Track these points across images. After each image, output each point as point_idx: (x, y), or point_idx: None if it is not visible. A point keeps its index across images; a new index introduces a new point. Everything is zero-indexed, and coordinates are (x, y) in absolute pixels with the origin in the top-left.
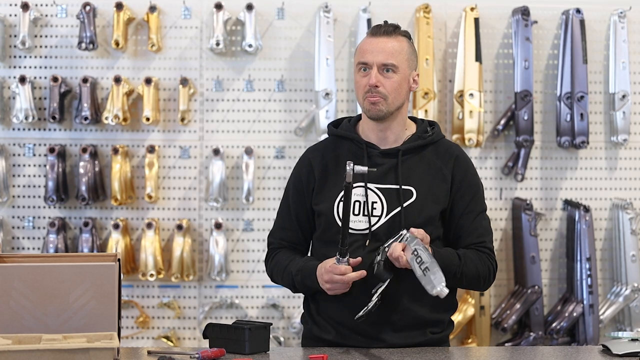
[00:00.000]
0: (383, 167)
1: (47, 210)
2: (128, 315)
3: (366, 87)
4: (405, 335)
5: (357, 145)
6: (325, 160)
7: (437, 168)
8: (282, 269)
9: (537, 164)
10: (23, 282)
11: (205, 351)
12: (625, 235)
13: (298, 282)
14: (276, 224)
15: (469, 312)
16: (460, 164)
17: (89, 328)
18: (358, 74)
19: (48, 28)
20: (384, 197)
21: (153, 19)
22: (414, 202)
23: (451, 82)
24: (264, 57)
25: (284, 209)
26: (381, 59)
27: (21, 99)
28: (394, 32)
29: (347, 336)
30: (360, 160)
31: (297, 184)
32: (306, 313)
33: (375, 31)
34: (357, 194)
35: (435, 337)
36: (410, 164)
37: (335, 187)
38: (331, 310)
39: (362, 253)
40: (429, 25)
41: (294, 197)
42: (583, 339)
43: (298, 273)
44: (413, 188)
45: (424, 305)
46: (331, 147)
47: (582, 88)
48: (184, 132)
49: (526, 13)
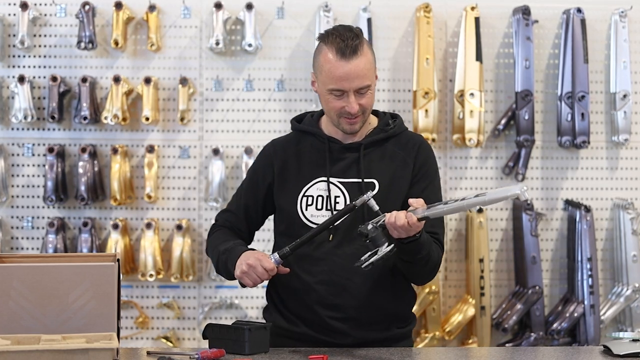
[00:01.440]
0: (345, 161)
1: (46, 210)
2: (127, 316)
3: (342, 109)
4: (371, 330)
5: (319, 140)
6: (287, 156)
7: (400, 158)
8: (214, 245)
9: (537, 163)
10: (22, 283)
11: (205, 352)
12: (626, 236)
13: (222, 261)
14: (228, 205)
15: (469, 312)
16: (423, 151)
17: (88, 328)
18: (329, 95)
19: (47, 27)
20: (347, 191)
21: (152, 19)
22: (377, 194)
23: (452, 82)
24: (263, 56)
25: (237, 194)
26: (357, 84)
27: (20, 98)
28: (359, 46)
29: (314, 330)
30: (322, 155)
31: (253, 176)
32: (271, 306)
33: (343, 52)
34: (319, 189)
35: (399, 332)
36: (373, 157)
37: (297, 182)
38: (298, 305)
39: (327, 247)
40: (430, 25)
41: (248, 187)
42: (584, 339)
43: (225, 252)
44: (375, 180)
45: (386, 297)
46: (294, 142)
47: (583, 88)
48: (184, 132)
49: (527, 12)
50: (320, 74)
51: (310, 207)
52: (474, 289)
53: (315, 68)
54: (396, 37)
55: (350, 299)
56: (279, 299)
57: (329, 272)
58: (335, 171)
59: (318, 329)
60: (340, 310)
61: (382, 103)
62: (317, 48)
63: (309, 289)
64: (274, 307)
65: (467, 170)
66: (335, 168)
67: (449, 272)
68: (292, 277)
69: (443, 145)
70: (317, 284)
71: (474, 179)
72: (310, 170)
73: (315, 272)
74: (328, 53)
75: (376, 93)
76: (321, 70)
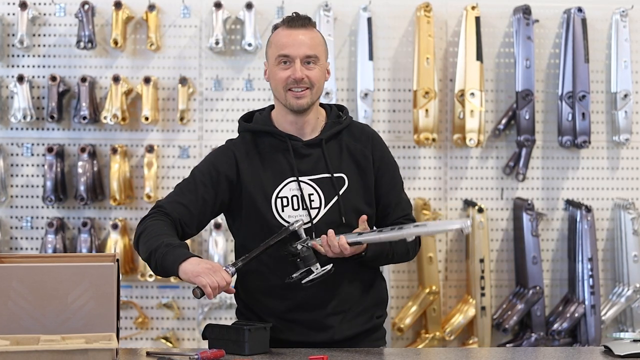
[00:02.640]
0: (310, 157)
1: (45, 210)
2: (127, 316)
3: (288, 79)
4: (354, 323)
5: (278, 139)
6: (250, 158)
7: (358, 150)
8: (155, 234)
9: (538, 163)
10: (21, 283)
11: (205, 352)
12: (627, 236)
13: (161, 253)
14: (173, 197)
15: (469, 312)
16: (377, 143)
17: (87, 329)
18: (277, 67)
19: (46, 27)
20: (320, 188)
21: (152, 18)
22: (348, 187)
23: (452, 82)
24: (263, 56)
25: (187, 187)
26: (304, 51)
27: (19, 98)
28: (309, 24)
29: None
30: (285, 153)
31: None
32: (242, 308)
33: (292, 23)
34: (292, 189)
35: (378, 322)
36: (334, 151)
37: (268, 185)
38: (274, 305)
39: None
40: (430, 24)
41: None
42: (585, 339)
43: (168, 247)
44: (344, 174)
45: (361, 287)
46: (252, 144)
47: (583, 87)
48: (183, 131)
49: (527, 12)
50: (269, 50)
51: (286, 207)
52: (475, 289)
53: (266, 54)
54: (396, 36)
55: (328, 295)
56: (254, 300)
57: None
58: (304, 169)
59: (300, 326)
60: (321, 308)
61: (382, 103)
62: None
63: (286, 289)
64: (246, 308)
65: (468, 170)
66: (302, 166)
67: (449, 273)
68: (267, 278)
69: (443, 145)
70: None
71: (475, 179)
72: (279, 171)
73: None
74: (278, 29)
75: (376, 93)
76: (270, 46)
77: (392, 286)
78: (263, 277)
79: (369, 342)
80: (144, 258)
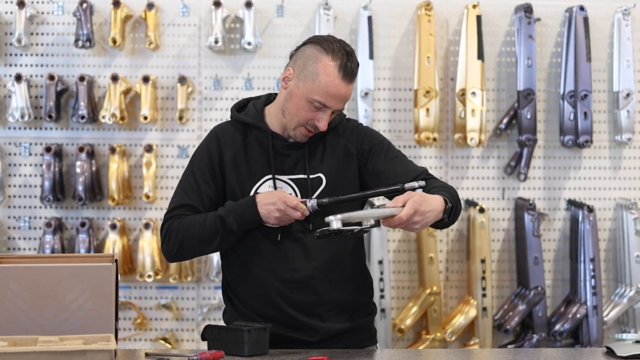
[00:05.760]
0: (291, 158)
1: (43, 211)
2: (125, 317)
3: (309, 121)
4: (334, 321)
5: (263, 134)
6: (236, 147)
7: (342, 146)
8: (199, 223)
9: (540, 163)
10: (19, 283)
11: (204, 353)
12: (629, 236)
13: (229, 222)
14: (178, 201)
15: (471, 313)
16: (360, 132)
17: (85, 330)
18: (308, 104)
19: (44, 26)
20: (297, 188)
21: (151, 17)
22: (325, 188)
23: (453, 81)
24: (263, 55)
25: (190, 187)
26: (341, 106)
27: (17, 97)
28: (357, 71)
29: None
30: (265, 150)
31: (208, 163)
32: (229, 308)
33: (347, 73)
34: (270, 186)
35: (363, 322)
36: (316, 152)
37: (249, 179)
38: (259, 304)
39: (281, 246)
40: (431, 23)
41: (204, 177)
42: (586, 340)
43: (229, 213)
44: (322, 175)
45: (346, 290)
46: (240, 134)
47: (585, 86)
48: (182, 131)
49: (529, 10)
50: (309, 80)
51: None
52: (476, 289)
53: (302, 69)
54: (397, 35)
55: (310, 294)
56: (237, 299)
57: (289, 270)
58: (284, 168)
59: (283, 326)
60: (304, 307)
61: (382, 102)
62: (312, 52)
63: (269, 287)
64: (232, 307)
65: (469, 169)
66: (282, 165)
67: (450, 273)
68: (250, 277)
69: (444, 145)
70: (277, 282)
71: (476, 178)
72: (260, 167)
73: (274, 269)
74: (330, 66)
75: (376, 92)
76: (313, 78)
77: (392, 287)
78: (248, 275)
79: (353, 342)
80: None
